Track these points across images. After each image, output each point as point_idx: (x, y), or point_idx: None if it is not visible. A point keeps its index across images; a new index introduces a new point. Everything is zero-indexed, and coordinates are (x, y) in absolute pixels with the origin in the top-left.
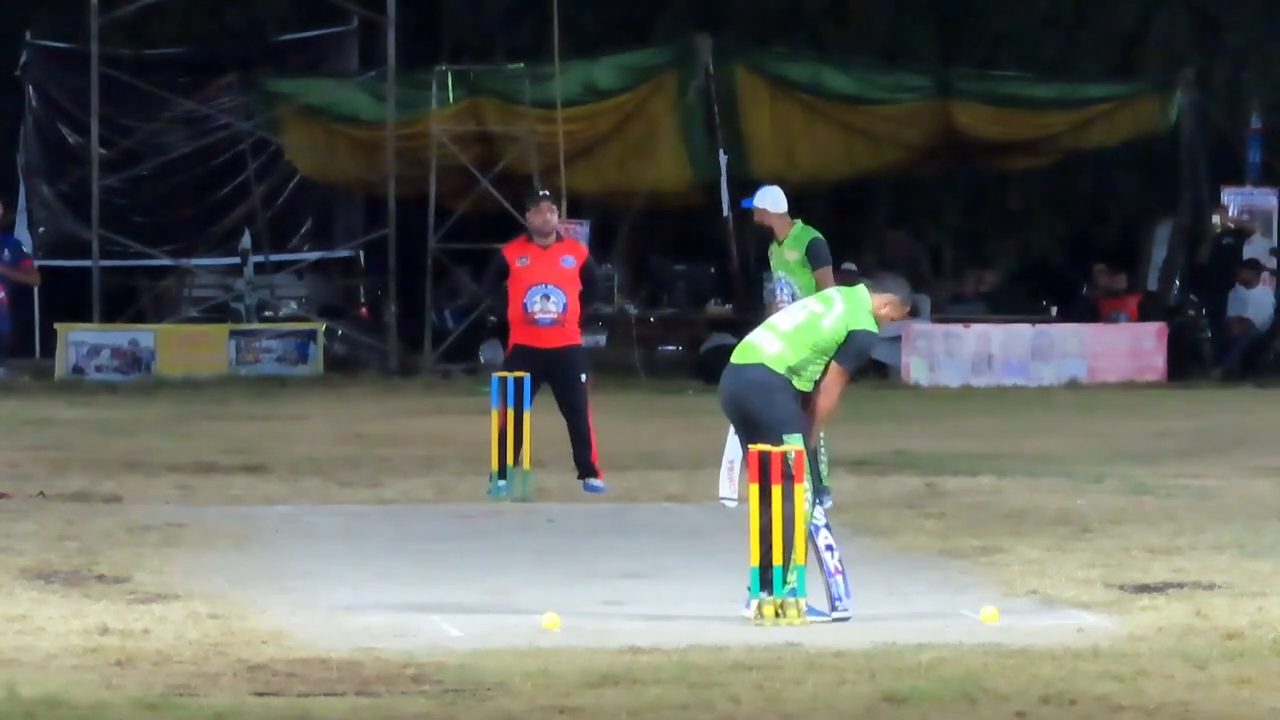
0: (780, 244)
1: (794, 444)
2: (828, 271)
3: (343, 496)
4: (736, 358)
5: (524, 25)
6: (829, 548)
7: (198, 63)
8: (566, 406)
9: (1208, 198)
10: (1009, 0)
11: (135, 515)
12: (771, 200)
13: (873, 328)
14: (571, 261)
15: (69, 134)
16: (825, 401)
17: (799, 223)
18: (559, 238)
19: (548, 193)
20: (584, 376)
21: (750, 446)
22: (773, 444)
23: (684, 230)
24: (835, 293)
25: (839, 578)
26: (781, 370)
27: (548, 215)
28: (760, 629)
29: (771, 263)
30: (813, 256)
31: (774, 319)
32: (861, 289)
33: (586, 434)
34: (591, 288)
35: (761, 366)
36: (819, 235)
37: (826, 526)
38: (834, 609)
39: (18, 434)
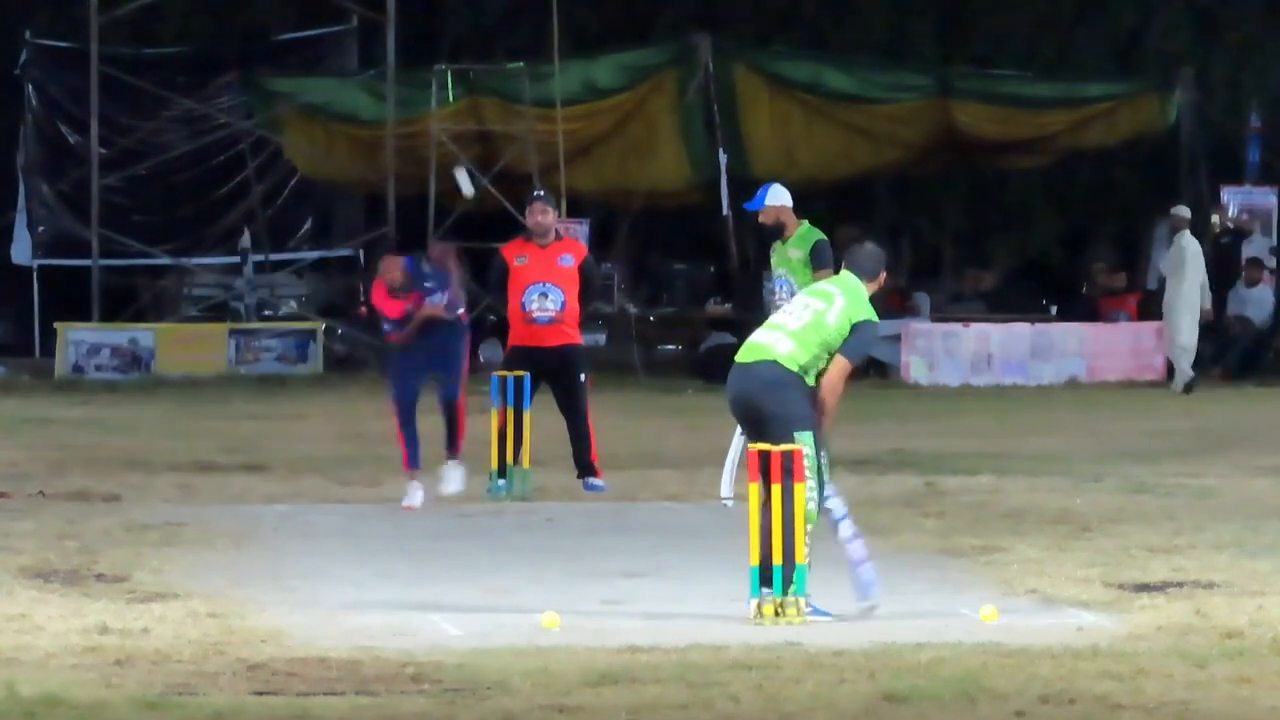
0: (784, 242)
1: (804, 442)
2: (829, 273)
3: (342, 495)
4: (745, 356)
5: (524, 25)
6: (855, 536)
7: (198, 62)
8: (566, 406)
9: (1207, 197)
10: (1009, 0)
11: (135, 514)
12: (785, 197)
13: (874, 318)
14: (570, 260)
15: (69, 133)
16: (830, 396)
17: (805, 223)
18: (558, 236)
19: (542, 192)
20: (583, 376)
21: (751, 445)
22: (783, 441)
23: (684, 230)
24: (831, 286)
25: (867, 565)
26: (795, 369)
27: (540, 217)
28: (760, 628)
29: (772, 260)
30: (816, 257)
31: (778, 318)
32: (851, 277)
33: (586, 433)
34: (590, 286)
35: (774, 364)
36: (824, 236)
37: (847, 517)
38: (866, 597)
39: (17, 433)
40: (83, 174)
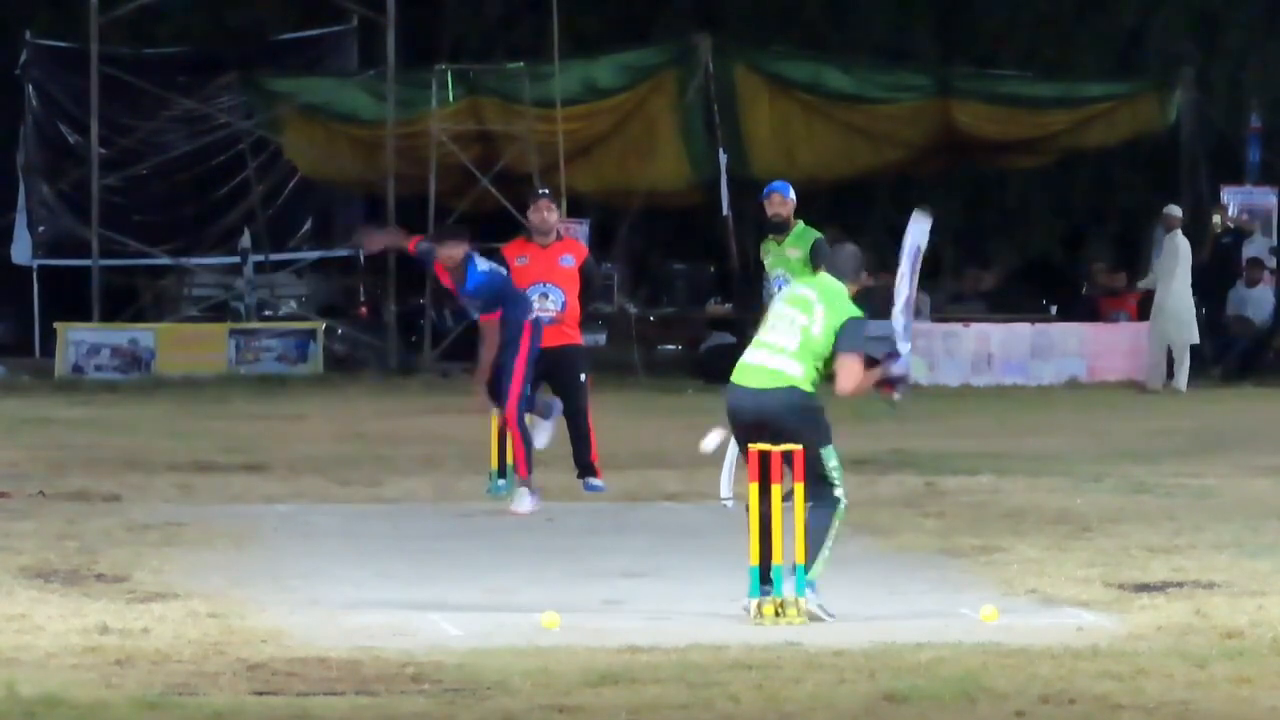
0: (780, 242)
1: (829, 456)
2: None
3: (342, 496)
4: (754, 381)
5: (524, 25)
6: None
7: (198, 62)
8: (566, 406)
9: (1207, 197)
10: (1009, 0)
11: (135, 514)
12: (793, 194)
13: (857, 313)
14: (570, 260)
15: (69, 133)
16: (848, 384)
17: (800, 222)
18: (558, 236)
19: (547, 190)
20: (584, 376)
21: (751, 446)
22: (810, 457)
23: (684, 230)
24: (809, 290)
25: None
26: (810, 389)
27: (545, 214)
28: (760, 628)
29: (767, 261)
30: (815, 255)
31: (773, 338)
32: (829, 279)
33: (586, 433)
34: (590, 286)
35: (794, 389)
36: (821, 235)
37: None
38: None
39: (17, 433)
40: (83, 174)
